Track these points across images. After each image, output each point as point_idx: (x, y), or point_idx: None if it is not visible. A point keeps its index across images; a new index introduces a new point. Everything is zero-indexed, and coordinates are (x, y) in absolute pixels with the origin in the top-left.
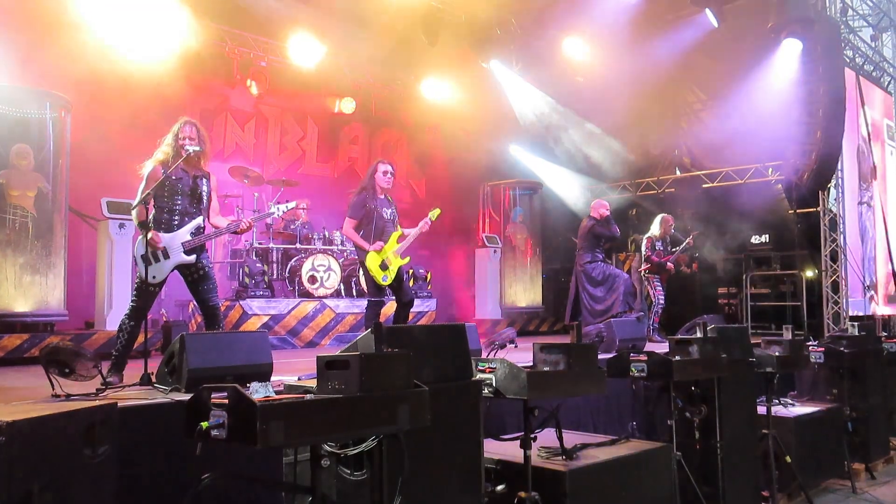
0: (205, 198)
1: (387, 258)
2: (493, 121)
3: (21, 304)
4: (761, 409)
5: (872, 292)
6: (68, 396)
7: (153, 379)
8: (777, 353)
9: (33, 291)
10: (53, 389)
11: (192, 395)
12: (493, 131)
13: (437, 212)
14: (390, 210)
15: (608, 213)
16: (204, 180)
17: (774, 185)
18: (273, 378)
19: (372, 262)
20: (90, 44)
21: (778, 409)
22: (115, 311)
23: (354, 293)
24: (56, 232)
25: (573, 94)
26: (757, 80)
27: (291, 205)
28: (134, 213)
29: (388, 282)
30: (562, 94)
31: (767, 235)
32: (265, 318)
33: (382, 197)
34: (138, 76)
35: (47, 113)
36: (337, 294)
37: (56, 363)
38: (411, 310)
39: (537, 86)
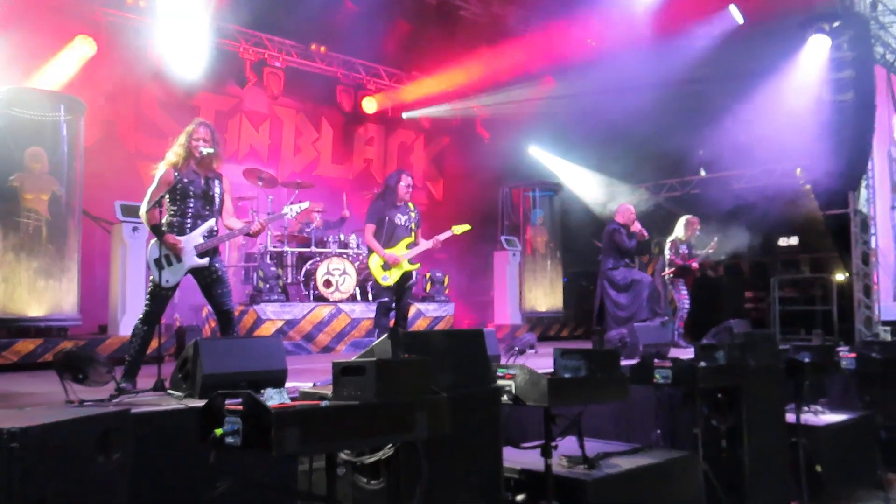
0: (217, 200)
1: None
2: (511, 121)
3: (35, 309)
4: (790, 417)
5: None
6: (82, 403)
7: (167, 385)
8: (807, 360)
9: (47, 296)
10: (67, 395)
11: (206, 401)
12: (512, 132)
13: (464, 227)
14: (405, 217)
15: (634, 218)
16: (216, 182)
17: (802, 186)
18: (288, 384)
19: (374, 261)
20: (104, 47)
21: (808, 417)
22: (128, 316)
23: (370, 297)
24: (70, 236)
25: (597, 92)
26: (784, 77)
27: (304, 205)
28: (144, 216)
29: (389, 283)
30: (585, 93)
31: (796, 238)
32: (280, 324)
33: (401, 204)
34: (152, 78)
35: (61, 116)
36: (352, 298)
37: (70, 369)
38: (427, 315)
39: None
